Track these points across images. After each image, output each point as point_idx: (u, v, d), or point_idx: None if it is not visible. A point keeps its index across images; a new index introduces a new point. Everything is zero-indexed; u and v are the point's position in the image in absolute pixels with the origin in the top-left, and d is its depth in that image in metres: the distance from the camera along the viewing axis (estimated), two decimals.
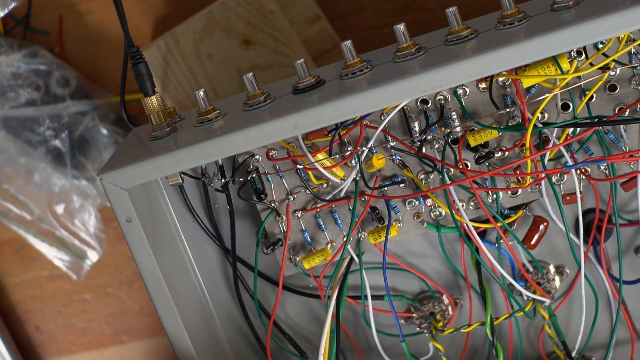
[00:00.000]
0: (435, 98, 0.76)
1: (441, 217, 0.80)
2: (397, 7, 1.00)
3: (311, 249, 0.81)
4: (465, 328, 0.81)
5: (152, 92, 0.75)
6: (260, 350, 0.84)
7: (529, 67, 0.71)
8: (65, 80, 1.05)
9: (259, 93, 0.73)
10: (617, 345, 0.84)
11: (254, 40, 0.99)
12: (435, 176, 0.78)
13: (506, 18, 0.69)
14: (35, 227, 1.08)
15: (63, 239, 1.08)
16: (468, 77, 0.66)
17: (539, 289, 0.81)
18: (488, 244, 0.81)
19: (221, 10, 0.99)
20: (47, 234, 1.08)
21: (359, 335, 0.86)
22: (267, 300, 0.84)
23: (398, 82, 0.67)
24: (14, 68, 1.04)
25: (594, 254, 0.81)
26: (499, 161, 0.78)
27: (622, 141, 0.77)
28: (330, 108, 0.68)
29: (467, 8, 0.77)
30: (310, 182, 0.79)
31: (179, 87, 0.99)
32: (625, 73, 0.75)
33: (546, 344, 0.85)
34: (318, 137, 0.77)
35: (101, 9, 1.05)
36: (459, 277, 0.85)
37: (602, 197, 0.80)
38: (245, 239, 0.83)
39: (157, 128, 0.75)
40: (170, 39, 0.98)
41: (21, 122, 1.04)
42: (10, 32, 1.06)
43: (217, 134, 0.70)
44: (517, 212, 0.79)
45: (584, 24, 0.64)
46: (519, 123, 0.76)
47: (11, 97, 1.04)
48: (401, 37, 0.70)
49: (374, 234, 0.79)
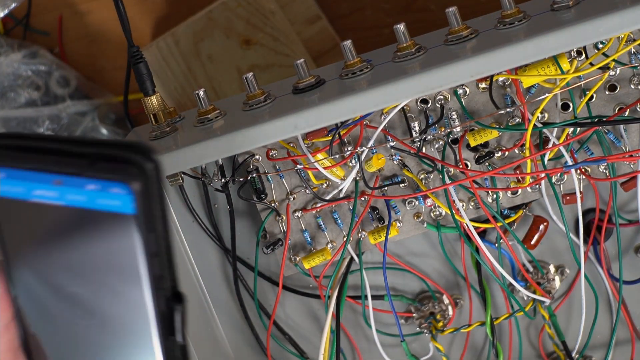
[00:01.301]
0: (435, 98, 0.76)
1: (441, 217, 0.80)
2: (397, 7, 1.00)
3: (311, 249, 0.81)
4: (465, 328, 0.81)
5: (152, 92, 0.75)
6: (260, 350, 0.84)
7: (529, 67, 0.71)
8: (65, 80, 1.05)
9: (259, 93, 0.73)
10: (617, 345, 0.84)
11: (254, 40, 0.99)
12: (435, 176, 0.78)
13: (506, 18, 0.69)
14: None
15: None
16: (468, 77, 0.66)
17: (539, 289, 0.81)
18: (488, 244, 0.81)
19: (221, 11, 0.99)
20: None
21: (359, 335, 0.86)
22: (267, 300, 0.84)
23: (398, 82, 0.67)
24: (14, 68, 1.03)
25: (594, 254, 0.81)
26: (499, 161, 0.78)
27: (622, 141, 0.77)
28: (330, 108, 0.68)
29: (467, 8, 0.77)
30: (310, 182, 0.79)
31: (179, 87, 0.99)
32: (625, 73, 0.75)
33: (546, 344, 0.85)
34: (318, 137, 0.77)
35: (101, 9, 1.05)
36: (459, 277, 0.85)
37: (602, 197, 0.80)
38: (245, 239, 0.83)
39: (157, 128, 0.75)
40: (170, 39, 0.98)
41: (21, 123, 1.04)
42: (10, 32, 1.06)
43: (217, 134, 0.70)
44: (517, 212, 0.79)
45: (584, 24, 0.64)
46: (519, 123, 0.76)
47: (11, 97, 1.04)
48: (401, 37, 0.70)
49: (374, 234, 0.79)
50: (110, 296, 0.57)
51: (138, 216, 0.54)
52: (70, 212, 0.55)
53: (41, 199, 0.56)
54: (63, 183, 0.55)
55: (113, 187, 0.54)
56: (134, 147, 0.54)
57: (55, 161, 0.55)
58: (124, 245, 0.55)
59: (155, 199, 0.55)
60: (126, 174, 0.54)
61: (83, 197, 0.55)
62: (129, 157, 0.54)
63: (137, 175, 0.54)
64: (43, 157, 0.56)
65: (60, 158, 0.55)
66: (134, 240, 0.55)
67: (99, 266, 0.57)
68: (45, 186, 0.56)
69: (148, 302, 0.56)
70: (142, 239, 0.55)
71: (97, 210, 0.55)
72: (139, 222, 0.54)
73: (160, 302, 0.56)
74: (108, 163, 0.54)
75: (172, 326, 0.57)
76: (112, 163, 0.54)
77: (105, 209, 0.55)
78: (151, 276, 0.56)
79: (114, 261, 0.56)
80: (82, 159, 0.55)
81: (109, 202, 0.54)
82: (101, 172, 0.54)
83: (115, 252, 0.56)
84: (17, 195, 0.56)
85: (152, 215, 0.55)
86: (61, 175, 0.55)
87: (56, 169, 0.55)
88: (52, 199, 0.55)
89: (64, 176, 0.55)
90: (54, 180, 0.55)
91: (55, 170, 0.55)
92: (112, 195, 0.54)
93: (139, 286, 0.56)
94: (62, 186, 0.55)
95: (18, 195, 0.56)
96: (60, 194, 0.55)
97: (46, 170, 0.55)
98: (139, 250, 0.55)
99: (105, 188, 0.54)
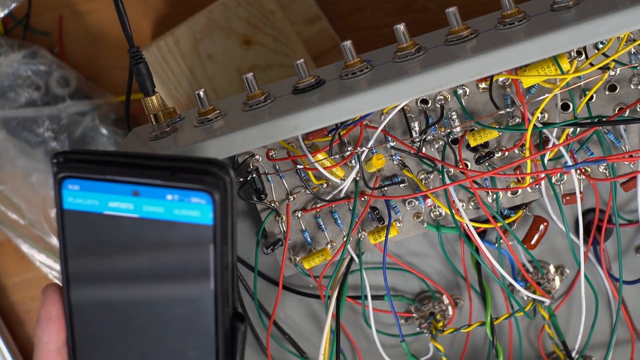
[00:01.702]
0: (435, 98, 0.76)
1: (441, 217, 0.80)
2: (397, 7, 1.00)
3: (311, 249, 0.81)
4: (465, 328, 0.81)
5: (152, 92, 0.75)
6: (260, 350, 0.84)
7: (529, 67, 0.71)
8: (65, 80, 1.05)
9: (259, 93, 0.73)
10: (617, 345, 0.84)
11: (254, 40, 0.99)
12: (435, 176, 0.78)
13: (506, 18, 0.69)
14: (26, 231, 1.08)
15: (53, 247, 1.07)
16: (468, 77, 0.66)
17: (539, 289, 0.81)
18: (488, 244, 0.81)
19: (221, 10, 0.99)
20: (38, 240, 1.08)
21: (359, 335, 0.86)
22: (267, 300, 0.84)
23: (398, 82, 0.67)
24: (14, 68, 1.03)
25: (594, 254, 0.81)
26: (499, 161, 0.78)
27: (622, 141, 0.77)
28: (330, 108, 0.68)
29: (467, 8, 0.77)
30: (310, 182, 0.79)
31: (179, 87, 0.99)
32: (625, 73, 0.75)
33: (546, 344, 0.85)
34: (318, 137, 0.77)
35: (101, 9, 1.05)
36: (459, 277, 0.85)
37: (602, 197, 0.80)
38: (245, 239, 0.83)
39: (157, 128, 0.75)
40: (170, 39, 0.98)
41: (21, 123, 1.04)
42: (10, 32, 1.06)
43: (217, 134, 0.70)
44: (517, 212, 0.79)
45: (584, 24, 0.64)
46: (519, 123, 0.76)
47: (11, 97, 1.04)
48: (401, 37, 0.70)
49: (374, 234, 0.79)
50: (174, 313, 0.57)
51: (215, 227, 0.54)
52: (144, 224, 0.55)
53: (116, 211, 0.55)
54: (141, 194, 0.55)
55: (194, 196, 0.54)
56: (211, 161, 0.55)
57: (134, 172, 0.55)
58: (197, 257, 0.55)
59: (230, 212, 0.55)
60: (207, 184, 0.54)
61: (160, 209, 0.55)
62: (208, 169, 0.54)
63: (217, 186, 0.54)
64: (120, 169, 0.55)
65: (139, 170, 0.55)
66: (209, 252, 0.55)
67: (168, 279, 0.56)
68: (121, 197, 0.55)
69: (212, 318, 0.56)
70: (216, 251, 0.55)
71: (173, 222, 0.55)
72: (215, 233, 0.55)
73: (224, 320, 0.56)
74: (188, 174, 0.54)
75: (234, 347, 0.57)
76: (192, 174, 0.54)
77: (182, 220, 0.55)
78: (220, 290, 0.55)
79: (185, 274, 0.56)
80: (161, 171, 0.55)
81: (187, 212, 0.55)
82: (183, 182, 0.54)
83: (187, 265, 0.55)
84: (90, 209, 0.56)
85: (227, 228, 0.55)
86: (140, 186, 0.55)
87: (135, 180, 0.55)
88: (128, 211, 0.55)
89: (143, 187, 0.55)
90: (133, 191, 0.55)
91: (133, 181, 0.55)
92: (192, 206, 0.54)
93: (206, 300, 0.56)
94: (140, 197, 0.55)
95: (92, 208, 0.56)
96: (136, 206, 0.55)
97: (124, 181, 0.55)
98: (212, 262, 0.55)
99: (185, 198, 0.54)
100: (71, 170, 0.56)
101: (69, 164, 0.56)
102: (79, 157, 0.57)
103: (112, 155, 0.57)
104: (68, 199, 0.56)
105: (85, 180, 0.56)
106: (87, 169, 0.56)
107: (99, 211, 0.56)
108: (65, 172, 0.56)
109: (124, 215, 0.56)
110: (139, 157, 0.56)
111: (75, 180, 0.56)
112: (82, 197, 0.56)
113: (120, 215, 0.56)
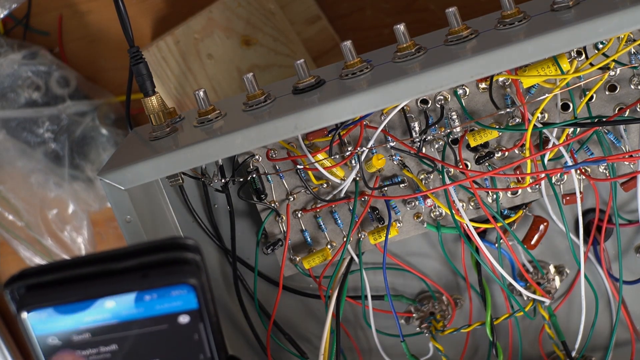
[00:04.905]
0: (435, 98, 0.76)
1: (441, 217, 0.80)
2: (397, 7, 1.00)
3: (311, 249, 0.81)
4: (465, 328, 0.81)
5: (152, 92, 0.75)
6: (260, 350, 0.84)
7: (529, 67, 0.71)
8: (65, 80, 1.05)
9: (259, 93, 0.73)
10: (617, 345, 0.84)
11: (254, 40, 0.99)
12: (435, 176, 0.78)
13: (506, 18, 0.69)
14: (22, 233, 1.07)
15: (48, 249, 1.07)
16: (468, 77, 0.66)
17: (539, 289, 0.81)
18: (488, 244, 0.81)
19: (221, 10, 0.99)
20: (33, 242, 1.07)
21: (359, 335, 0.86)
22: (267, 300, 0.84)
23: (398, 82, 0.67)
24: (13, 69, 1.03)
25: (594, 254, 0.81)
26: (499, 161, 0.78)
27: (622, 141, 0.77)
28: (330, 108, 0.68)
29: (467, 8, 0.77)
30: (310, 182, 0.79)
31: (179, 87, 0.99)
32: (625, 73, 0.75)
33: (546, 344, 0.85)
34: (318, 137, 0.77)
35: (101, 9, 1.05)
36: (459, 277, 0.85)
37: (602, 197, 0.80)
38: (245, 239, 0.83)
39: (157, 128, 0.75)
40: (170, 39, 0.98)
41: (20, 123, 1.04)
42: (10, 32, 1.06)
43: (217, 134, 0.70)
44: (517, 212, 0.79)
45: (584, 24, 0.64)
46: (519, 123, 0.76)
47: (11, 97, 1.04)
48: (401, 37, 0.70)
49: (374, 234, 0.79)
50: None
51: (201, 309, 0.54)
52: (126, 325, 0.54)
53: (93, 323, 0.54)
54: (117, 303, 0.53)
55: (173, 290, 0.53)
56: (177, 244, 0.53)
57: (102, 284, 0.53)
58: (187, 335, 0.54)
59: (208, 286, 0.54)
60: (183, 275, 0.53)
61: (140, 309, 0.53)
62: (178, 257, 0.53)
63: (193, 272, 0.53)
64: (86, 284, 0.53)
65: (107, 279, 0.53)
66: (199, 330, 0.54)
67: None
68: (96, 311, 0.53)
69: None
70: (205, 325, 0.54)
71: (156, 316, 0.54)
72: (201, 313, 0.54)
73: None
74: (159, 269, 0.53)
75: None
76: (164, 267, 0.53)
77: (166, 312, 0.54)
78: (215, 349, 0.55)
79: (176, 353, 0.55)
80: (131, 274, 0.53)
81: (169, 304, 0.53)
82: (157, 281, 0.53)
83: (178, 345, 0.55)
84: (65, 328, 0.54)
85: (209, 299, 0.54)
86: (113, 297, 0.53)
87: (106, 292, 0.53)
88: (106, 320, 0.54)
89: (116, 296, 0.53)
90: (105, 302, 0.53)
91: (104, 294, 0.53)
92: (173, 298, 0.53)
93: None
94: (116, 306, 0.53)
95: (66, 327, 0.54)
96: (114, 314, 0.53)
97: (94, 297, 0.53)
98: (204, 337, 0.55)
99: (164, 294, 0.53)
100: (33, 303, 0.53)
101: (28, 297, 0.53)
102: (36, 282, 0.53)
103: (71, 266, 0.53)
104: (38, 327, 0.53)
105: (52, 307, 0.53)
106: (50, 296, 0.53)
107: (75, 327, 0.54)
108: (26, 307, 0.53)
109: (103, 325, 0.54)
110: (101, 261, 0.53)
111: (40, 310, 0.53)
112: (52, 321, 0.53)
113: (99, 325, 0.54)
